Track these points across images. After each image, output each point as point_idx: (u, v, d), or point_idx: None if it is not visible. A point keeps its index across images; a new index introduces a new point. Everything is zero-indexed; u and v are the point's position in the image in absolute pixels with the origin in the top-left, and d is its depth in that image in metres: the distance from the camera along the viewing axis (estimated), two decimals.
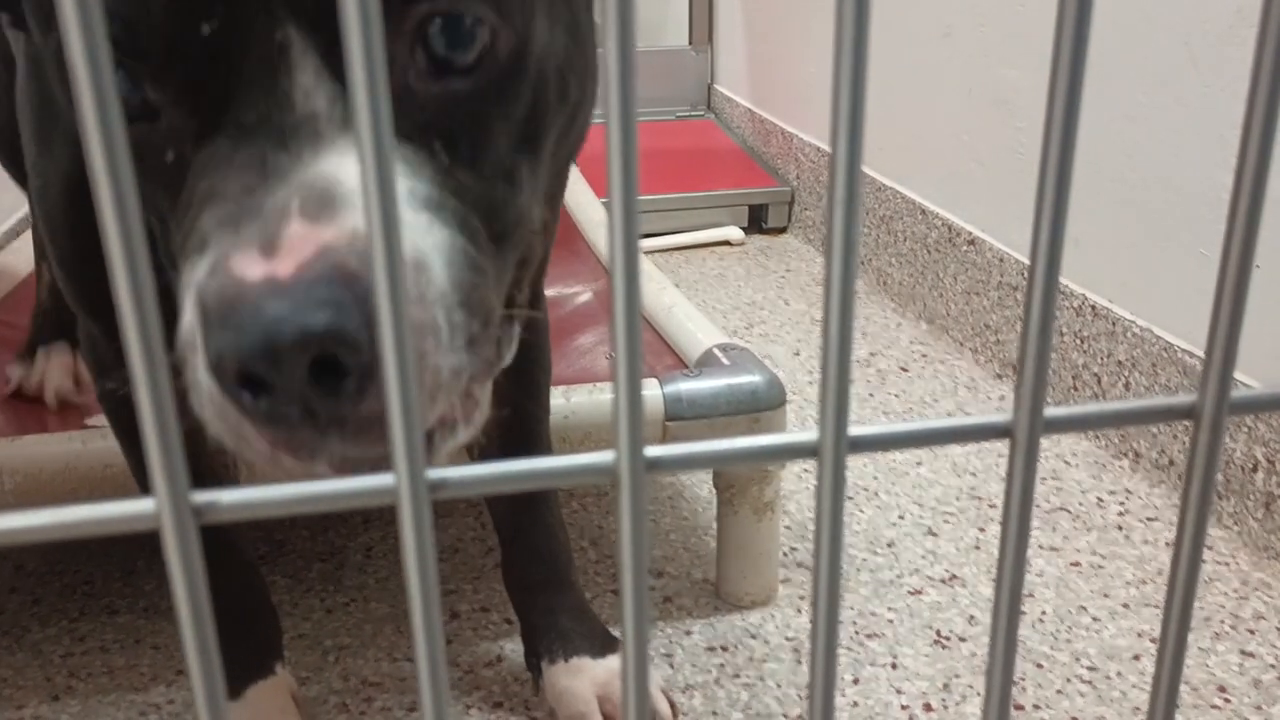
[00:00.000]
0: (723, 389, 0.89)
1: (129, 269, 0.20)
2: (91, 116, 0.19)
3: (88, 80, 0.19)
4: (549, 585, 0.81)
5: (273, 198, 0.38)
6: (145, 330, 0.21)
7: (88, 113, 0.19)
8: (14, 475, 0.80)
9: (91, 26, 0.19)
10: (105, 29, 0.19)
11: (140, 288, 0.20)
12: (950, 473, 1.16)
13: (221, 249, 0.38)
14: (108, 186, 0.20)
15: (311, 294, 0.36)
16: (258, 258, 0.37)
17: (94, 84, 0.19)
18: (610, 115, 0.21)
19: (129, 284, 0.20)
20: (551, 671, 0.79)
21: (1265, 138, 0.25)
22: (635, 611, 0.25)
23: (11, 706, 0.85)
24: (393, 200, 0.21)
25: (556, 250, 1.33)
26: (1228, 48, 1.02)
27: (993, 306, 1.40)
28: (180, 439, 0.22)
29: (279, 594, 0.97)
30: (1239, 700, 0.83)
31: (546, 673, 0.80)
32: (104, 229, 0.20)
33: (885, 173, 1.66)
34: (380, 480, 0.24)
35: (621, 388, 0.23)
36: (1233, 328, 0.26)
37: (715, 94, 2.40)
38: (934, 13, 1.50)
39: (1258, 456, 0.99)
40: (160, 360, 0.21)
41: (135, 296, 0.20)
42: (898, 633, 0.91)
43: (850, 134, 0.22)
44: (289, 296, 0.35)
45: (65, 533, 0.23)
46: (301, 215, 0.37)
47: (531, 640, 0.82)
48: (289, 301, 0.35)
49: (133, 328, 0.21)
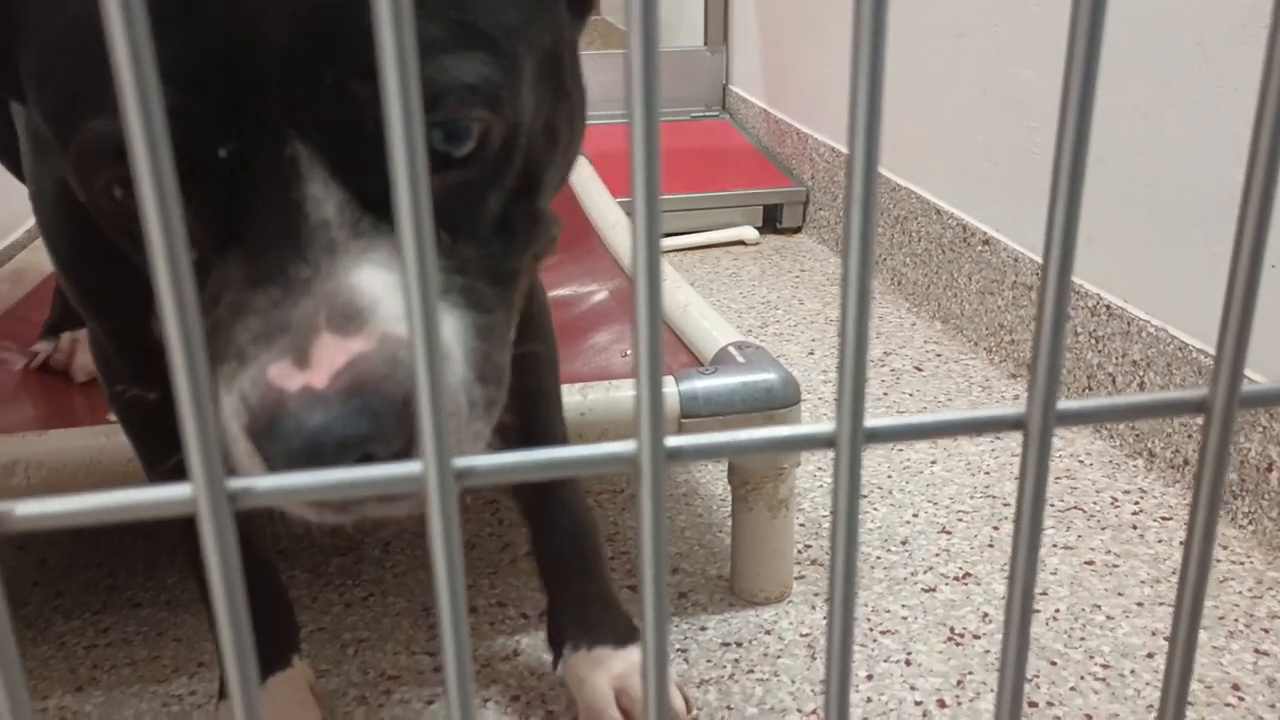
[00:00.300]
0: (738, 387, 0.89)
1: (169, 254, 0.21)
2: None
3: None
4: (581, 571, 0.83)
5: (299, 311, 0.42)
6: (184, 318, 0.21)
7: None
8: (39, 469, 0.81)
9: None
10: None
11: (179, 275, 0.21)
12: (964, 471, 1.16)
13: (260, 362, 0.41)
14: (147, 164, 0.20)
15: (349, 405, 0.39)
16: (293, 369, 0.40)
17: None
18: (634, 118, 0.22)
19: (169, 271, 0.21)
20: (574, 658, 0.81)
21: (1276, 135, 0.25)
22: (655, 601, 0.26)
23: (37, 698, 0.86)
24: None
25: (572, 250, 1.34)
26: (1240, 46, 1.02)
27: (1007, 306, 1.40)
28: (217, 425, 0.23)
29: (298, 588, 0.98)
30: (1253, 698, 0.83)
31: (568, 658, 0.81)
32: (142, 204, 0.21)
33: (900, 173, 1.66)
34: (408, 468, 0.24)
35: (643, 378, 0.24)
36: (1244, 321, 0.27)
37: (730, 94, 2.40)
38: (948, 13, 1.50)
39: (1272, 456, 0.99)
40: (199, 347, 0.22)
41: (175, 284, 0.21)
42: (912, 629, 0.92)
43: (867, 134, 0.23)
44: (327, 406, 0.39)
45: (105, 517, 0.24)
46: (329, 328, 0.41)
47: (558, 621, 0.83)
48: (328, 411, 0.39)
49: (172, 315, 0.21)
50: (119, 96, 0.20)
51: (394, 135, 0.21)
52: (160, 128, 0.20)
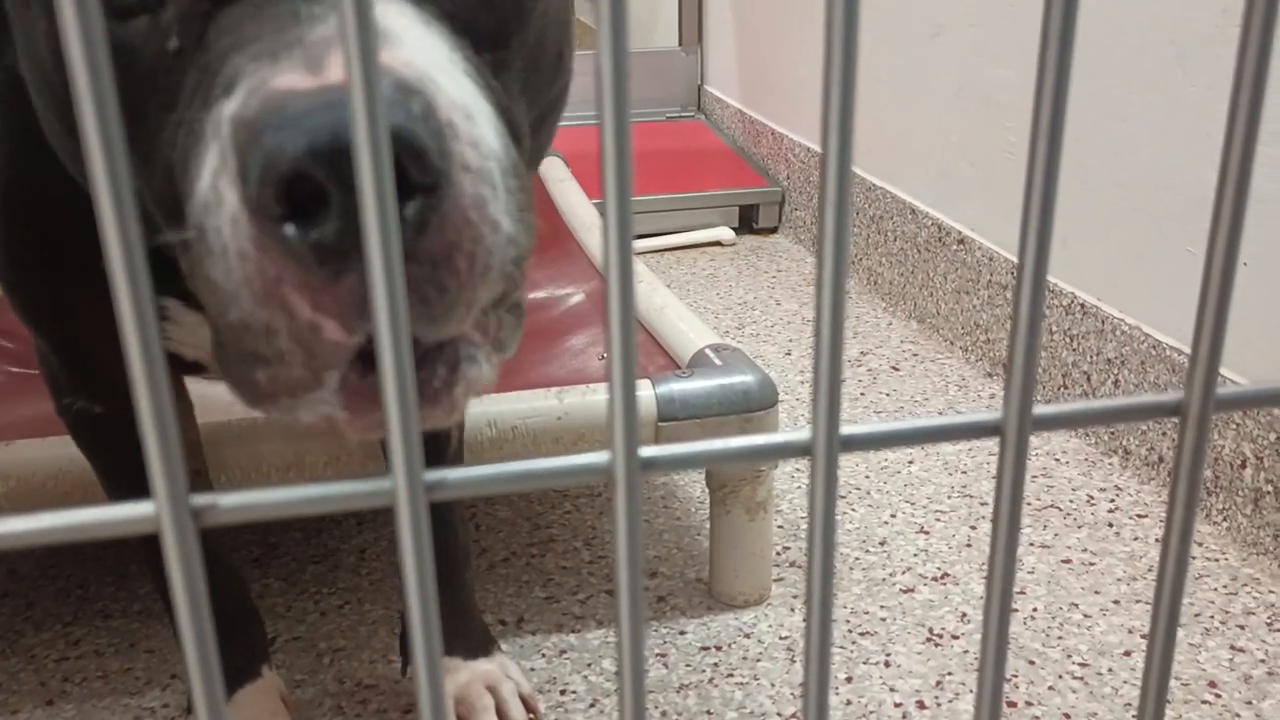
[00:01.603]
0: (715, 389, 0.89)
1: (127, 266, 0.20)
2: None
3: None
4: (443, 581, 0.81)
5: (314, 33, 0.35)
6: (144, 329, 0.21)
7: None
8: (6, 480, 0.80)
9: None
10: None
11: (138, 286, 0.21)
12: (942, 471, 1.16)
13: (259, 78, 0.34)
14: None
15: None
16: (305, 75, 0.33)
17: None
18: (604, 118, 0.22)
19: (127, 282, 0.20)
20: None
21: (1249, 136, 0.25)
22: (631, 608, 0.25)
23: (6, 711, 0.84)
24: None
25: (548, 252, 1.33)
26: (1215, 47, 1.02)
27: (983, 305, 1.41)
28: (179, 441, 0.22)
29: (272, 597, 0.97)
30: (1229, 695, 0.84)
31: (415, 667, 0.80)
32: (101, 214, 0.20)
33: (875, 172, 1.66)
34: (377, 482, 0.24)
35: (617, 389, 0.23)
36: (1218, 324, 0.27)
37: (705, 95, 2.40)
38: (924, 13, 1.50)
39: (1246, 453, 1.00)
40: (159, 360, 0.21)
41: (134, 295, 0.21)
42: (890, 631, 0.92)
43: (841, 134, 0.23)
44: (345, 97, 0.30)
45: (66, 536, 0.23)
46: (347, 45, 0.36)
47: (408, 631, 0.82)
48: (345, 101, 0.31)
49: (131, 326, 0.21)
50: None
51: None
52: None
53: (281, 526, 1.08)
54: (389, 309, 0.22)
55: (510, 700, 0.80)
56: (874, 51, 1.62)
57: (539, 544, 1.05)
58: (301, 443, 0.84)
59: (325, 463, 0.84)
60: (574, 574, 1.00)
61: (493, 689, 0.80)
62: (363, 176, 0.21)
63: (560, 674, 0.87)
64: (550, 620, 0.94)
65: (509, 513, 1.10)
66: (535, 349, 1.08)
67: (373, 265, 0.21)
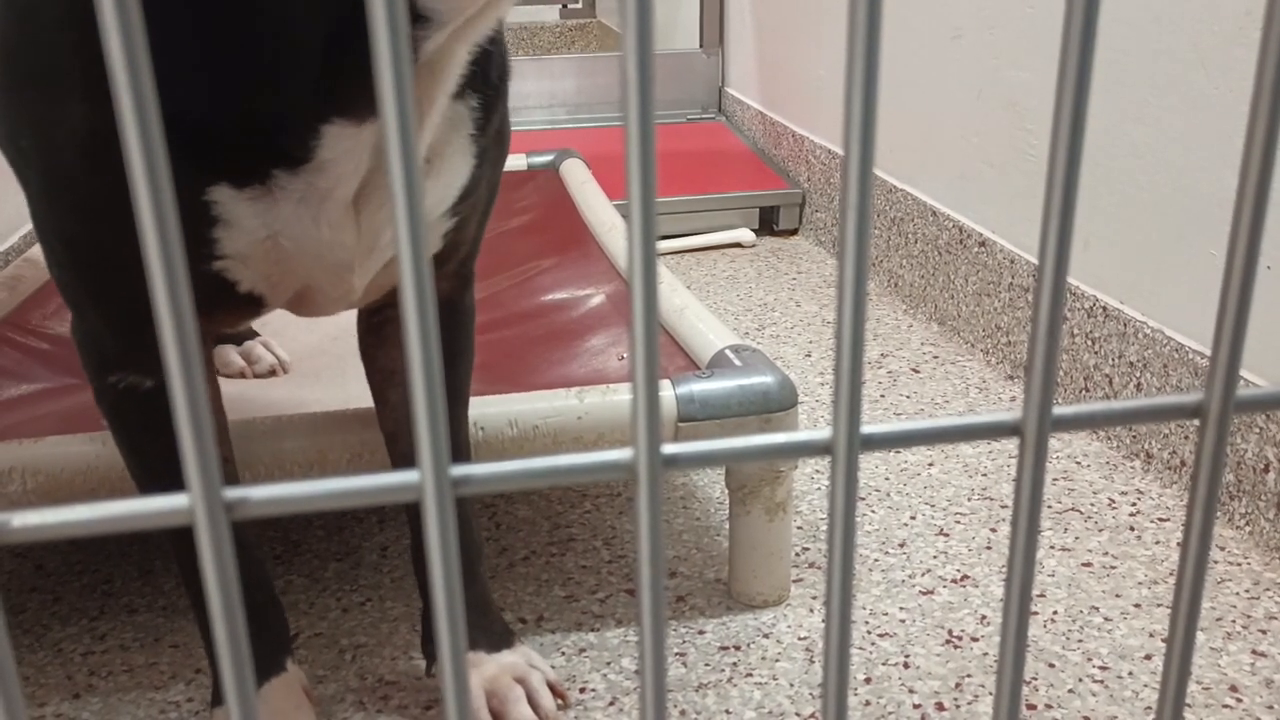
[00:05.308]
0: (735, 390, 0.89)
1: (164, 262, 0.21)
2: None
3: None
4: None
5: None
6: (180, 323, 0.21)
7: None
8: (35, 475, 0.81)
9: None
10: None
11: (175, 280, 0.21)
12: (962, 473, 1.16)
13: None
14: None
15: None
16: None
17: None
18: (629, 120, 0.22)
19: (164, 276, 0.21)
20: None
21: (1270, 138, 0.25)
22: (652, 604, 0.25)
23: (34, 704, 0.86)
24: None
25: (569, 253, 1.34)
26: (1236, 48, 1.02)
27: (1004, 308, 1.41)
28: (213, 434, 0.23)
29: (295, 593, 0.98)
30: (1250, 700, 0.83)
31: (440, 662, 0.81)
32: (136, 199, 0.21)
33: (896, 175, 1.66)
34: (405, 477, 0.24)
35: (639, 385, 0.24)
36: (1238, 325, 0.27)
37: (726, 97, 2.40)
38: (944, 15, 1.50)
39: (1269, 457, 0.99)
40: (194, 353, 0.22)
41: (170, 288, 0.21)
42: (910, 632, 0.92)
43: (862, 136, 0.23)
44: None
45: (102, 528, 0.24)
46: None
47: (431, 628, 0.83)
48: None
49: (168, 320, 0.21)
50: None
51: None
52: None
53: (304, 524, 1.08)
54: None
55: (540, 689, 0.81)
56: (895, 54, 1.62)
57: (559, 543, 1.05)
58: (325, 439, 0.85)
59: (348, 459, 0.85)
60: (594, 573, 1.00)
61: (521, 680, 0.81)
62: None
63: (580, 672, 0.88)
64: (570, 619, 0.94)
65: (529, 512, 1.11)
66: (555, 349, 1.08)
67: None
